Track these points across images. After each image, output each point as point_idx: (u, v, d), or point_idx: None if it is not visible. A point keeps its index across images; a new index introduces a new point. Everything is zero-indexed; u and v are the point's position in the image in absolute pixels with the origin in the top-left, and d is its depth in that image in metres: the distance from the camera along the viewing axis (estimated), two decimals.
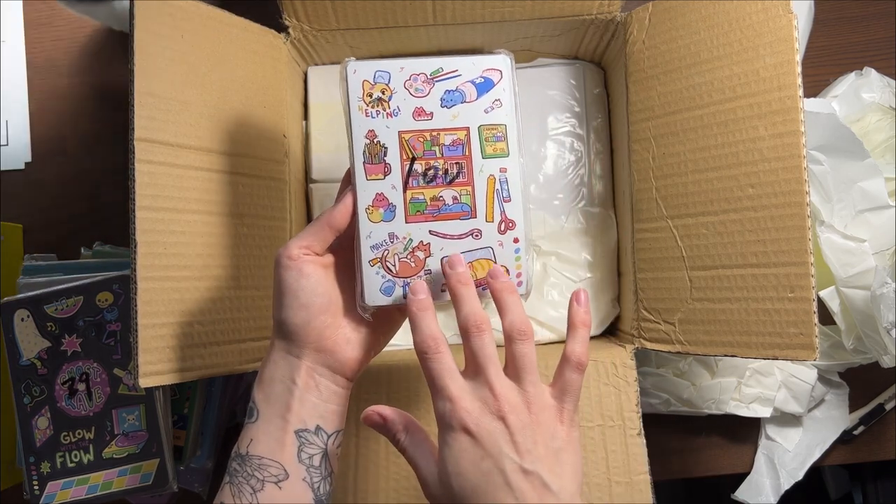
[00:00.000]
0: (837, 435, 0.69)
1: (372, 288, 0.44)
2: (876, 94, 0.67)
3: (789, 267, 0.48)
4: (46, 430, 0.60)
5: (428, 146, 0.43)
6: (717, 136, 0.52)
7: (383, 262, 0.43)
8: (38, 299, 0.61)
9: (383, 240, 0.43)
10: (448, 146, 0.43)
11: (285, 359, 0.43)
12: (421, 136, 0.43)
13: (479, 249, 0.44)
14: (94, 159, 0.73)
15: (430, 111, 0.43)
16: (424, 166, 0.43)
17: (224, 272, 0.54)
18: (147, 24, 0.49)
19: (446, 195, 0.44)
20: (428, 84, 0.44)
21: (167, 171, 0.50)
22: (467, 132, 0.44)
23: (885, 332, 0.59)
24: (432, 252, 0.44)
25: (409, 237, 0.43)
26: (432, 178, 0.43)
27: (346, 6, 0.58)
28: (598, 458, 0.55)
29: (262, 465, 0.42)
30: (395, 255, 0.43)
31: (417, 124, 0.43)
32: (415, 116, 0.43)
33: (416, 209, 0.43)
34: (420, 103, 0.43)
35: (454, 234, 0.44)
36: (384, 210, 0.43)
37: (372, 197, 0.43)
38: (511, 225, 0.44)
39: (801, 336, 0.47)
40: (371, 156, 0.43)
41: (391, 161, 0.43)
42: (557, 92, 0.68)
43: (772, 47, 0.49)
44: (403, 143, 0.43)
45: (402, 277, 0.44)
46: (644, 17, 0.57)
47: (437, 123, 0.43)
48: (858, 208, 0.62)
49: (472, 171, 0.44)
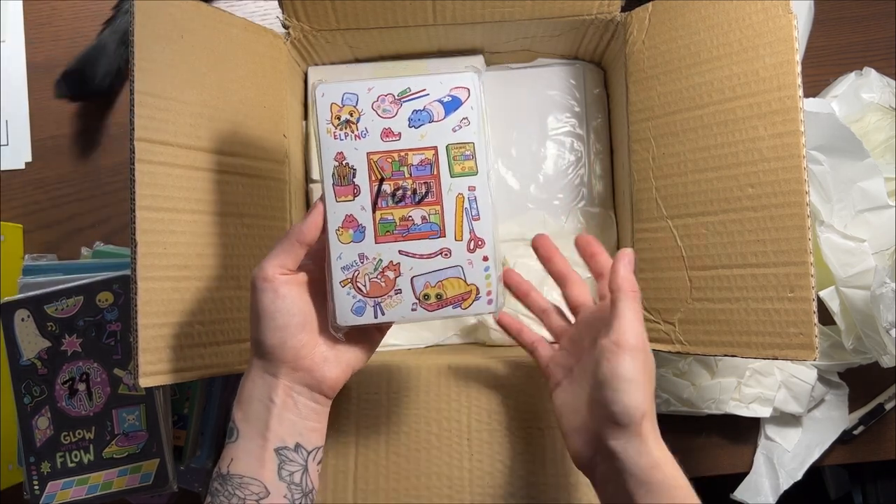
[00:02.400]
0: (837, 435, 0.69)
1: (343, 308, 0.44)
2: (876, 95, 0.67)
3: (789, 267, 0.48)
4: (47, 430, 0.60)
5: (396, 167, 0.43)
6: (716, 136, 0.52)
7: (354, 282, 0.44)
8: (39, 299, 0.61)
9: (353, 260, 0.44)
10: (416, 166, 0.44)
11: (262, 378, 0.43)
12: (389, 157, 0.43)
13: (449, 268, 0.44)
14: (94, 159, 0.73)
15: (398, 132, 0.43)
16: (393, 187, 0.44)
17: (224, 272, 0.54)
18: (147, 24, 0.49)
19: (415, 215, 0.44)
20: (395, 104, 0.44)
21: (167, 171, 0.50)
22: (435, 151, 0.44)
23: (885, 332, 0.59)
24: (402, 272, 0.44)
25: (379, 257, 0.44)
26: (401, 199, 0.44)
27: (346, 6, 0.58)
28: None
29: (242, 483, 0.42)
30: (366, 275, 0.44)
31: (385, 145, 0.43)
32: (383, 137, 0.43)
33: (386, 229, 0.44)
34: (388, 124, 0.43)
35: (424, 254, 0.44)
36: (354, 231, 0.44)
37: (342, 218, 0.43)
38: (480, 243, 0.44)
39: (801, 336, 0.47)
40: (340, 177, 0.44)
41: (360, 182, 0.43)
42: (557, 92, 0.68)
43: (771, 47, 0.49)
44: (372, 165, 0.43)
45: (373, 297, 0.44)
46: (644, 17, 0.57)
47: (405, 144, 0.43)
48: (858, 208, 0.62)
49: (440, 190, 0.44)
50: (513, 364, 0.58)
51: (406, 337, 0.67)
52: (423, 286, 0.44)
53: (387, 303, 0.44)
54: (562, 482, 0.55)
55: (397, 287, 0.44)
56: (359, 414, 0.49)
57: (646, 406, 0.42)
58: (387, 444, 0.57)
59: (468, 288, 0.44)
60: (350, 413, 0.57)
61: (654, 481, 0.41)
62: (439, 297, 0.44)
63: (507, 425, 0.57)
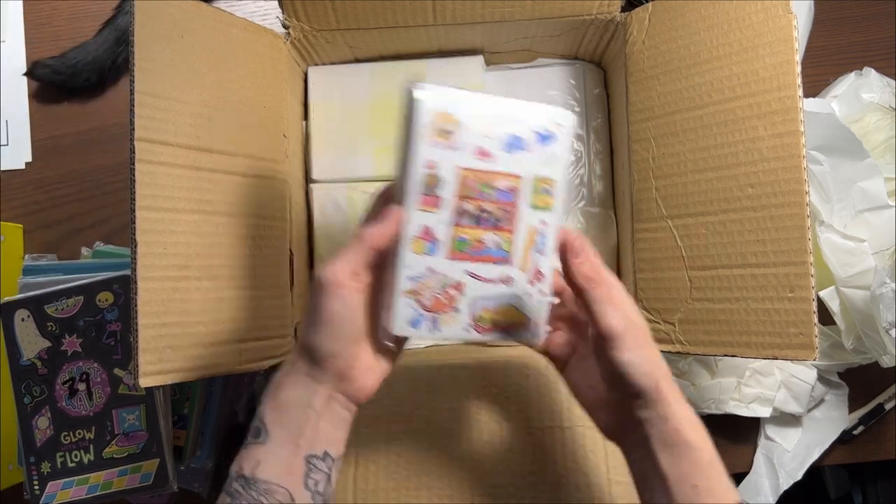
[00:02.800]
0: (837, 435, 0.69)
1: (401, 318, 0.43)
2: (875, 95, 0.67)
3: (789, 267, 0.48)
4: (47, 429, 0.60)
5: (482, 187, 0.42)
6: (716, 136, 0.52)
7: (417, 294, 0.43)
8: (39, 299, 0.61)
9: (422, 273, 0.42)
10: (500, 191, 0.43)
11: (306, 384, 0.42)
12: (477, 177, 0.42)
13: (509, 296, 0.44)
14: (94, 159, 0.73)
15: (492, 153, 0.42)
16: (475, 207, 0.43)
17: (224, 272, 0.54)
18: (147, 24, 0.49)
19: (489, 239, 0.43)
20: (495, 126, 0.42)
21: (167, 171, 0.50)
22: (520, 181, 0.43)
23: (885, 332, 0.60)
24: (464, 292, 0.43)
25: (447, 274, 0.43)
26: (479, 220, 0.43)
27: (346, 6, 0.58)
28: (598, 458, 0.56)
29: (268, 490, 0.41)
30: (430, 289, 0.43)
31: (477, 164, 0.42)
32: (477, 155, 0.42)
33: (459, 248, 0.43)
34: (484, 143, 0.42)
35: (489, 278, 0.44)
36: (429, 244, 0.42)
37: (420, 228, 0.42)
38: (541, 278, 0.44)
39: (801, 336, 0.47)
40: (427, 186, 0.42)
41: (445, 196, 0.42)
42: (557, 92, 0.68)
43: (771, 47, 0.49)
44: (460, 180, 0.42)
45: (432, 313, 0.43)
46: (644, 17, 0.57)
47: (495, 166, 0.42)
48: (858, 208, 0.62)
49: (516, 219, 0.43)
50: (513, 364, 0.58)
51: None
52: (481, 309, 0.44)
53: (443, 319, 0.43)
54: (562, 482, 0.55)
55: (457, 306, 0.43)
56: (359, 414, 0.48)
57: (658, 372, 0.42)
58: (387, 444, 0.57)
59: (521, 317, 0.45)
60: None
61: (678, 443, 0.41)
62: (494, 322, 0.44)
63: (508, 425, 0.57)
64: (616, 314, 0.42)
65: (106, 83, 0.73)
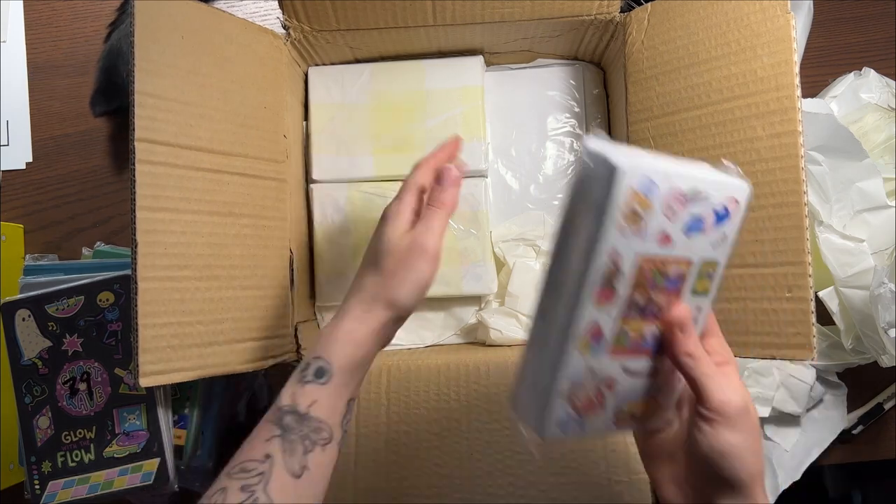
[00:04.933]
0: (835, 435, 0.69)
1: (551, 421, 0.37)
2: (875, 95, 0.67)
3: (787, 267, 0.48)
4: (47, 429, 0.61)
5: (656, 277, 0.36)
6: (715, 136, 0.52)
7: (573, 398, 0.37)
8: (39, 299, 0.61)
9: (581, 374, 0.37)
10: (671, 278, 0.37)
11: (380, 339, 0.44)
12: (654, 265, 0.36)
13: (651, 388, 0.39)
14: (95, 159, 0.73)
15: (673, 238, 0.35)
16: (644, 299, 0.36)
17: (224, 272, 0.54)
18: (147, 24, 0.49)
19: (647, 330, 0.38)
20: (681, 205, 0.35)
21: (167, 171, 0.50)
22: (690, 265, 0.37)
23: (883, 332, 0.60)
24: (615, 389, 0.38)
25: (605, 373, 0.37)
26: (645, 311, 0.37)
27: (346, 6, 0.58)
28: (597, 457, 0.56)
29: (318, 427, 0.42)
30: (585, 390, 0.37)
31: (658, 250, 0.35)
32: (659, 242, 0.35)
33: (620, 343, 0.37)
34: (668, 227, 0.35)
35: (640, 371, 0.38)
36: (595, 343, 0.36)
37: (590, 326, 0.36)
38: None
39: (799, 336, 0.47)
40: (606, 279, 0.35)
41: (621, 288, 0.35)
42: (557, 92, 0.68)
43: (770, 47, 0.49)
44: (639, 271, 0.35)
45: (582, 415, 0.38)
46: (643, 17, 0.57)
47: (673, 251, 0.36)
48: (857, 208, 0.62)
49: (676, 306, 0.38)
50: (513, 364, 0.58)
51: (406, 337, 0.67)
52: (626, 403, 0.39)
53: (590, 419, 0.38)
54: (562, 482, 0.56)
55: (605, 404, 0.38)
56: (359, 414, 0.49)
57: (756, 469, 0.38)
58: (387, 444, 0.57)
59: (655, 406, 0.40)
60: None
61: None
62: (632, 415, 0.40)
63: (507, 425, 0.57)
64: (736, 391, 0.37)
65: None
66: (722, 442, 0.37)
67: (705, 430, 0.37)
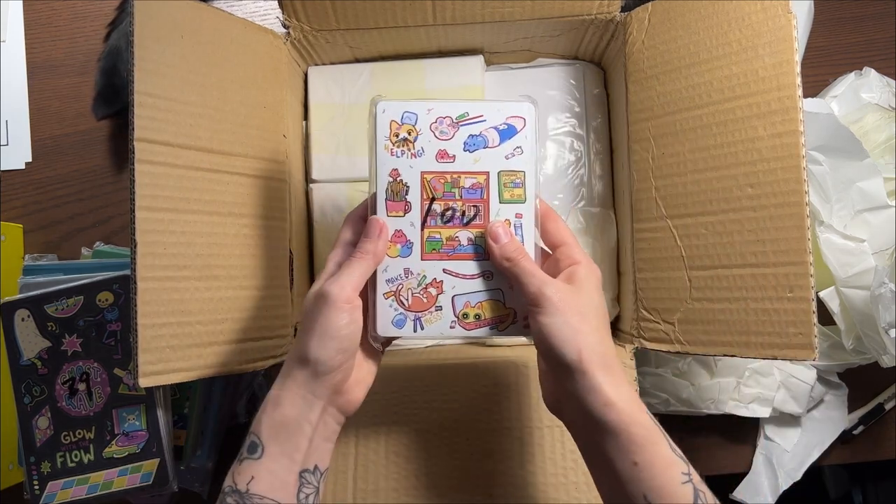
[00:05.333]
0: (836, 436, 0.69)
1: (384, 319, 0.45)
2: (875, 95, 0.67)
3: (788, 267, 0.48)
4: (47, 429, 0.61)
5: (448, 188, 0.45)
6: (716, 136, 0.52)
7: (397, 295, 0.45)
8: (39, 299, 0.61)
9: (398, 274, 0.45)
10: (467, 189, 0.45)
11: (305, 398, 0.42)
12: (442, 178, 0.45)
13: (490, 291, 0.46)
14: (94, 159, 0.73)
15: (453, 154, 0.45)
16: (443, 207, 0.45)
17: (224, 272, 0.54)
18: (147, 24, 0.49)
19: (462, 236, 0.45)
20: (453, 128, 0.45)
21: (167, 171, 0.50)
22: (487, 177, 0.45)
23: (884, 332, 0.60)
24: (444, 290, 0.45)
25: (424, 274, 0.45)
26: (450, 219, 0.45)
27: (346, 6, 0.58)
28: None
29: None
30: (409, 289, 0.45)
31: (440, 166, 0.45)
32: (438, 158, 0.45)
33: (432, 247, 0.45)
34: (444, 146, 0.45)
35: (467, 274, 0.45)
36: (402, 246, 0.45)
37: (391, 233, 0.45)
38: None
39: (800, 336, 0.47)
40: (393, 193, 0.45)
41: (412, 200, 0.45)
42: (557, 92, 0.68)
43: (771, 47, 0.49)
44: (425, 184, 0.45)
45: (414, 312, 0.45)
46: (643, 17, 0.57)
47: (459, 166, 0.45)
48: (857, 208, 0.62)
49: (488, 214, 0.45)
50: (513, 364, 0.58)
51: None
52: (463, 305, 0.45)
53: (427, 318, 0.45)
54: (562, 482, 0.55)
55: (438, 304, 0.45)
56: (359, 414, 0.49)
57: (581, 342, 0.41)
58: (387, 444, 0.57)
59: (506, 311, 0.46)
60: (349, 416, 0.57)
61: (608, 420, 0.40)
62: (478, 317, 0.46)
63: (507, 425, 0.57)
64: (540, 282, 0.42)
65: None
66: (541, 326, 0.41)
67: (532, 321, 0.42)
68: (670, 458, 0.40)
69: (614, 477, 0.40)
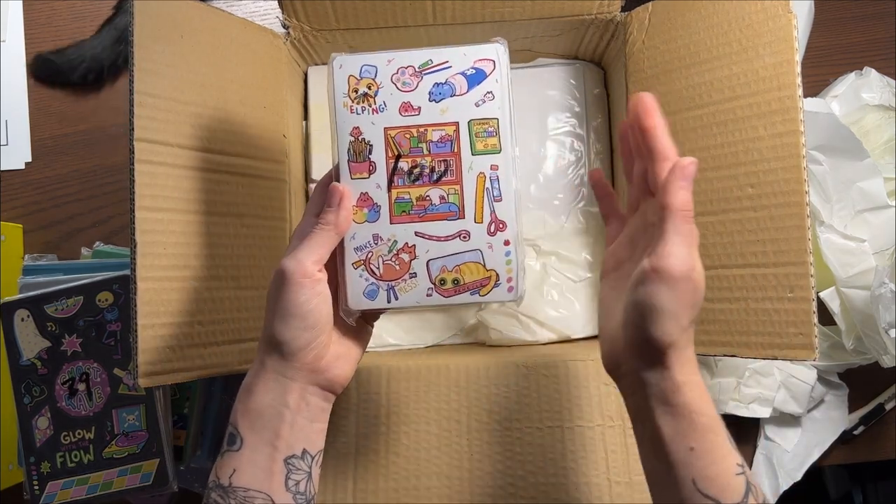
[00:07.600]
0: (836, 436, 0.69)
1: (355, 291, 0.42)
2: (876, 95, 0.67)
3: (789, 267, 0.48)
4: (46, 430, 0.60)
5: (415, 143, 0.41)
6: (716, 135, 0.52)
7: (367, 264, 0.42)
8: (39, 299, 0.61)
9: (367, 241, 0.42)
10: (436, 143, 0.41)
11: (277, 381, 0.41)
12: (407, 133, 0.41)
13: (467, 252, 0.42)
14: (94, 159, 0.73)
15: (418, 106, 0.41)
16: (410, 164, 0.41)
17: (224, 272, 0.54)
18: (147, 24, 0.49)
19: (433, 194, 0.42)
20: (416, 77, 0.41)
21: (167, 171, 0.50)
22: (456, 127, 0.41)
23: (885, 333, 0.59)
24: (417, 254, 0.42)
25: (394, 238, 0.42)
26: (418, 177, 0.41)
27: (346, 6, 0.58)
28: (598, 457, 0.56)
29: (247, 497, 0.40)
30: (380, 257, 0.42)
31: (404, 120, 0.41)
32: (401, 112, 0.41)
33: (402, 209, 0.41)
34: (407, 98, 0.41)
35: (441, 236, 0.42)
36: (368, 210, 0.42)
37: (356, 197, 0.41)
38: (501, 226, 0.42)
39: (801, 336, 0.47)
40: (356, 153, 0.41)
41: (376, 159, 0.41)
42: (557, 92, 0.68)
43: (771, 47, 0.49)
44: (389, 141, 0.41)
45: (387, 281, 0.42)
46: (644, 17, 0.57)
47: (425, 119, 0.41)
48: (858, 208, 0.62)
49: (460, 168, 0.41)
50: (513, 364, 0.58)
51: (406, 337, 0.67)
52: (440, 270, 0.42)
53: (401, 287, 0.42)
54: (562, 482, 0.55)
55: (412, 270, 0.42)
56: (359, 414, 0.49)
57: (675, 336, 0.38)
58: (387, 444, 0.57)
59: (487, 273, 0.42)
60: (350, 413, 0.57)
61: (674, 403, 0.38)
62: (456, 282, 0.42)
63: (507, 425, 0.57)
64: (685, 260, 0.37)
65: (104, 81, 0.73)
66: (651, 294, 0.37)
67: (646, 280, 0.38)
68: (727, 448, 0.39)
69: (664, 455, 0.39)
